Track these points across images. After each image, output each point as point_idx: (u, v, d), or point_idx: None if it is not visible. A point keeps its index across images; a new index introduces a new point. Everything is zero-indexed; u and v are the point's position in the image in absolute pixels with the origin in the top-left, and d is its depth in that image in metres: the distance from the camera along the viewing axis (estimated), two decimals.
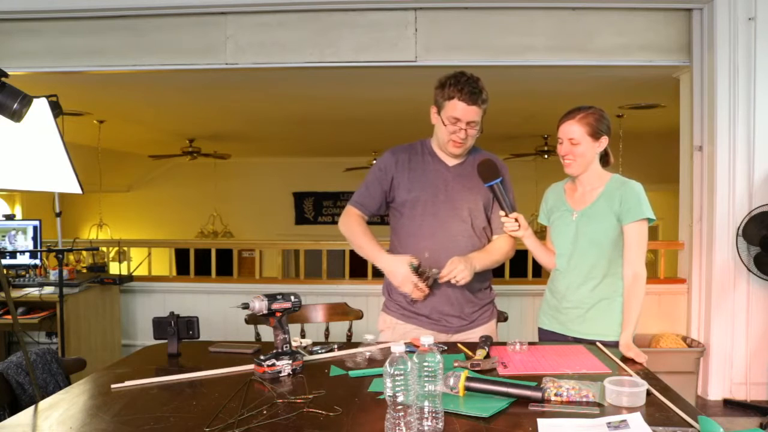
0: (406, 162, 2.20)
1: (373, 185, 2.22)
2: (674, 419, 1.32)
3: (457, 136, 2.07)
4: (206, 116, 6.73)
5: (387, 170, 2.20)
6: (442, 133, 2.11)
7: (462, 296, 2.17)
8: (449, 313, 2.16)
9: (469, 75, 2.06)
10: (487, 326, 2.25)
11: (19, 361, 2.07)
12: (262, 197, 10.41)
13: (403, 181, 2.18)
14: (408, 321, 2.19)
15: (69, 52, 4.17)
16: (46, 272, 4.17)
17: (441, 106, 2.08)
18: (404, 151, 2.23)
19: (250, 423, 1.31)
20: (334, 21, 4.07)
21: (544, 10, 4.03)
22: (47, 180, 1.91)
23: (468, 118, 2.05)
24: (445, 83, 2.06)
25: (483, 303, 2.25)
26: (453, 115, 2.04)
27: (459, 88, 2.02)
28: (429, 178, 2.17)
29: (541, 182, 5.48)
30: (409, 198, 2.16)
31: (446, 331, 2.16)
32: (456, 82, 2.04)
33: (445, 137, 2.09)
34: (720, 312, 3.94)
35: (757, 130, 3.82)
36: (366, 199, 2.23)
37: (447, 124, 2.06)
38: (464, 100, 2.02)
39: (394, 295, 2.22)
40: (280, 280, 5.18)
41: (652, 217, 2.01)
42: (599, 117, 2.04)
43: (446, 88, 2.05)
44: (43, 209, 5.25)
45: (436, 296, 2.14)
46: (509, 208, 2.08)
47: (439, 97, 2.09)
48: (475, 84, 2.05)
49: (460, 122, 2.05)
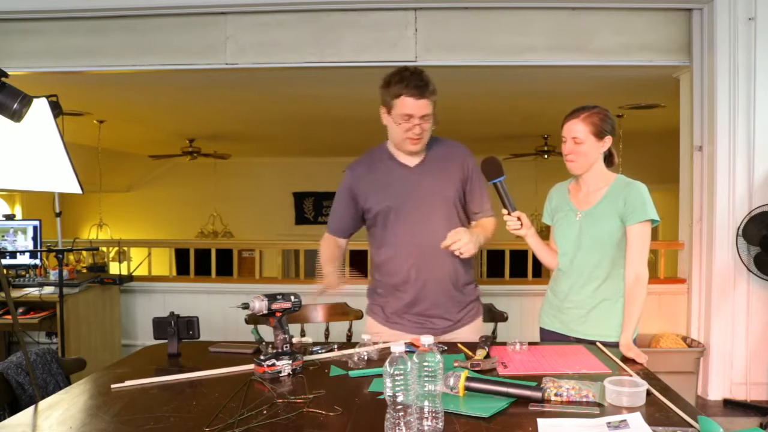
0: (366, 174, 2.17)
1: (341, 208, 2.22)
2: (674, 419, 1.32)
3: (413, 132, 2.03)
4: (206, 116, 6.73)
5: (350, 188, 2.18)
6: (396, 132, 2.07)
7: (446, 297, 2.14)
8: (434, 314, 2.14)
9: (412, 69, 2.02)
10: (473, 325, 2.22)
11: (19, 361, 2.07)
12: (262, 197, 10.40)
13: (370, 193, 2.14)
14: (393, 327, 2.17)
15: (69, 52, 4.17)
16: (46, 272, 4.17)
17: (390, 105, 2.04)
18: (361, 163, 2.21)
19: (250, 423, 1.31)
20: (334, 21, 4.07)
21: (543, 10, 4.03)
22: (47, 180, 1.91)
23: (420, 113, 2.00)
24: (390, 81, 2.02)
25: (468, 300, 2.21)
26: (404, 112, 2.00)
27: (405, 84, 1.98)
28: (395, 185, 2.13)
29: (541, 182, 5.48)
30: (380, 209, 2.13)
31: (433, 334, 2.14)
32: (401, 79, 1.99)
33: (400, 136, 2.06)
34: (720, 312, 3.94)
35: (757, 130, 3.82)
36: (338, 223, 2.25)
37: (400, 122, 2.02)
38: (412, 95, 1.98)
39: (377, 300, 2.22)
40: (280, 280, 5.18)
41: (656, 218, 2.01)
42: (604, 117, 2.03)
43: (392, 86, 2.01)
44: (43, 209, 5.24)
45: (419, 298, 2.12)
46: (512, 207, 2.06)
47: (386, 96, 2.04)
48: (420, 77, 2.00)
49: (413, 118, 2.01)
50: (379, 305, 2.22)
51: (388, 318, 2.19)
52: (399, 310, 2.16)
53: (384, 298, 2.20)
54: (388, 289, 2.18)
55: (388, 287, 2.19)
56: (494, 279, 4.64)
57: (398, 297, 2.16)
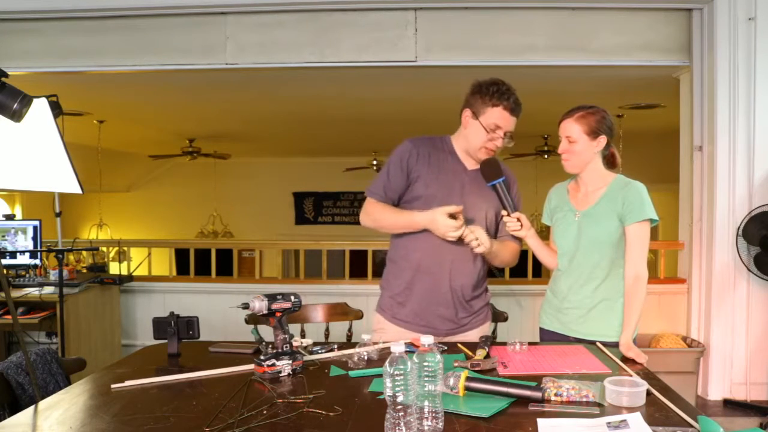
0: (427, 156, 2.14)
1: (396, 175, 2.14)
2: (674, 419, 1.32)
3: (494, 144, 2.07)
4: (206, 116, 6.73)
5: (409, 159, 2.14)
6: (476, 138, 2.08)
7: (456, 303, 2.15)
8: (441, 315, 2.14)
9: (508, 84, 2.07)
10: (480, 329, 2.23)
11: (19, 361, 2.07)
12: (262, 197, 10.41)
13: (422, 174, 2.12)
14: (397, 324, 2.17)
15: (69, 52, 4.17)
16: (46, 272, 4.17)
17: (480, 111, 2.06)
18: (425, 144, 2.18)
19: (250, 423, 1.31)
20: (334, 21, 4.07)
21: (544, 10, 4.03)
22: (47, 180, 1.91)
23: (508, 128, 2.06)
24: (489, 89, 2.05)
25: (477, 307, 2.23)
26: (495, 122, 2.04)
27: (506, 97, 2.03)
28: (448, 177, 2.13)
29: (541, 182, 5.48)
30: (425, 194, 2.11)
31: (435, 334, 2.13)
32: (502, 91, 2.04)
33: (479, 143, 2.08)
34: (720, 312, 3.94)
35: (757, 130, 3.82)
36: (389, 189, 2.15)
37: (488, 130, 2.05)
38: (509, 109, 2.04)
39: (386, 294, 2.22)
40: (280, 280, 5.19)
41: (655, 217, 2.01)
42: (599, 117, 2.04)
43: (490, 95, 2.04)
44: (43, 209, 5.25)
45: (426, 301, 2.13)
46: (511, 207, 2.08)
47: (479, 102, 2.06)
48: (516, 96, 2.06)
49: (500, 130, 2.05)
50: (387, 302, 2.22)
51: (394, 312, 2.18)
52: (409, 298, 2.16)
53: (398, 286, 2.18)
54: (406, 271, 2.16)
55: (407, 270, 2.16)
56: (494, 279, 4.64)
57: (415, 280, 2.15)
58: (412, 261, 2.14)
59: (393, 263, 2.23)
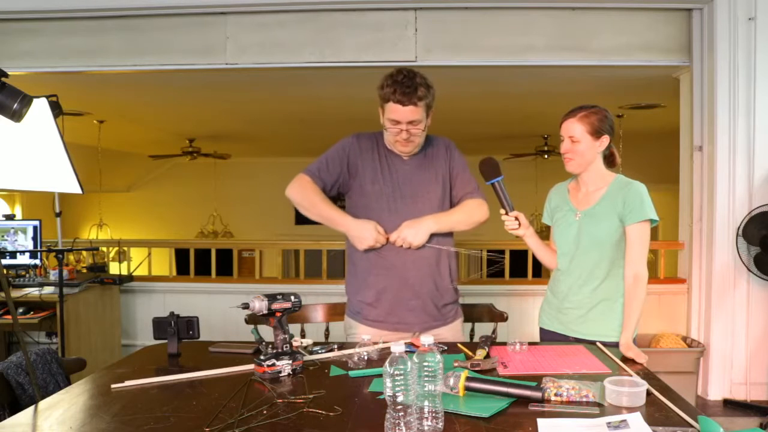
0: (370, 151, 2.13)
1: (334, 163, 2.13)
2: (674, 419, 1.32)
3: (401, 137, 2.02)
4: (206, 116, 6.73)
5: (351, 154, 2.13)
6: (387, 134, 2.07)
7: (421, 297, 2.12)
8: (409, 314, 2.12)
9: (405, 72, 1.97)
10: (452, 326, 2.21)
11: (19, 361, 2.07)
12: (262, 197, 10.40)
13: (368, 170, 2.11)
14: (369, 325, 2.14)
15: (69, 52, 4.17)
16: (46, 272, 4.17)
17: (382, 108, 2.04)
18: (369, 139, 2.16)
19: (250, 423, 1.31)
20: (334, 21, 4.07)
21: (544, 10, 4.03)
22: (47, 180, 1.91)
23: (406, 119, 1.98)
24: (383, 84, 1.99)
25: (446, 302, 2.19)
26: (391, 117, 2.00)
27: (393, 89, 1.94)
28: (392, 172, 2.12)
29: (541, 182, 5.49)
30: (372, 190, 2.11)
31: (407, 331, 2.10)
32: (391, 83, 1.96)
33: (390, 138, 2.07)
34: (720, 312, 3.94)
35: (757, 130, 3.82)
36: (324, 173, 2.13)
37: (389, 126, 2.02)
38: (398, 101, 1.95)
39: (353, 299, 2.21)
40: (280, 280, 5.18)
41: (655, 218, 2.01)
42: (601, 116, 2.04)
43: (383, 89, 1.99)
44: (43, 209, 5.24)
45: (393, 299, 2.11)
46: (509, 206, 2.07)
47: (379, 98, 2.03)
48: (410, 81, 1.95)
49: (400, 124, 2.00)
50: (355, 304, 2.20)
51: (365, 315, 2.16)
52: (374, 301, 2.14)
53: (361, 291, 2.17)
54: (365, 275, 2.15)
55: (364, 272, 2.15)
56: (494, 279, 4.64)
57: (374, 283, 2.13)
58: (372, 260, 2.12)
59: (353, 265, 2.21)
